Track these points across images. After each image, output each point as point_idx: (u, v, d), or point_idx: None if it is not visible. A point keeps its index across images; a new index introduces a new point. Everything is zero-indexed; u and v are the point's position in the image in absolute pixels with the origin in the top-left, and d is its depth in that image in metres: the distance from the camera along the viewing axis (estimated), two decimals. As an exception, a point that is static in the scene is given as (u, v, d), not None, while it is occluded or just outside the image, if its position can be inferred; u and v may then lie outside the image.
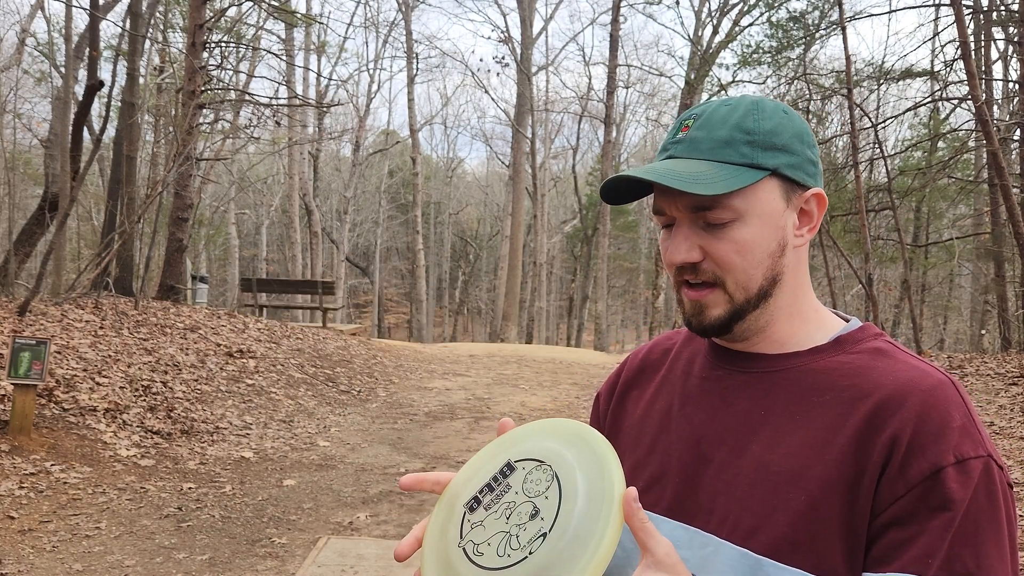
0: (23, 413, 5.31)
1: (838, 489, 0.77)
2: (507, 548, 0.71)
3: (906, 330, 15.88)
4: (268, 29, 18.35)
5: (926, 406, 0.77)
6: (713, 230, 0.83)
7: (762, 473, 0.81)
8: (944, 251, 15.64)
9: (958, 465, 0.74)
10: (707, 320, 0.86)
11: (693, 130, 0.85)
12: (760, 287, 0.85)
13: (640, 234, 36.86)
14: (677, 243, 0.85)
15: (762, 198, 0.84)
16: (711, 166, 0.82)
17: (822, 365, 0.85)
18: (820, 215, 0.88)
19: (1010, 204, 8.55)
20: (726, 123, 0.84)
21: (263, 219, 33.49)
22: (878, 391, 0.79)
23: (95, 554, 4.06)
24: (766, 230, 0.84)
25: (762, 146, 0.83)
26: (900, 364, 0.82)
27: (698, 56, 19.15)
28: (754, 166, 0.83)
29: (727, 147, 0.83)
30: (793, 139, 0.85)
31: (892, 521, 0.74)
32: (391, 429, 7.39)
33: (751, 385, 0.87)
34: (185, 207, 11.31)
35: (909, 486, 0.74)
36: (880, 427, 0.77)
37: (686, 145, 0.85)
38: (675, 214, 0.85)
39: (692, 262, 0.84)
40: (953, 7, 8.68)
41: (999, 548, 0.74)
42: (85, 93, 9.62)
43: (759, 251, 0.84)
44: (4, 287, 8.92)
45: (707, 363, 0.93)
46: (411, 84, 24.86)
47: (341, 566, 3.99)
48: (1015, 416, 6.59)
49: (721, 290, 0.85)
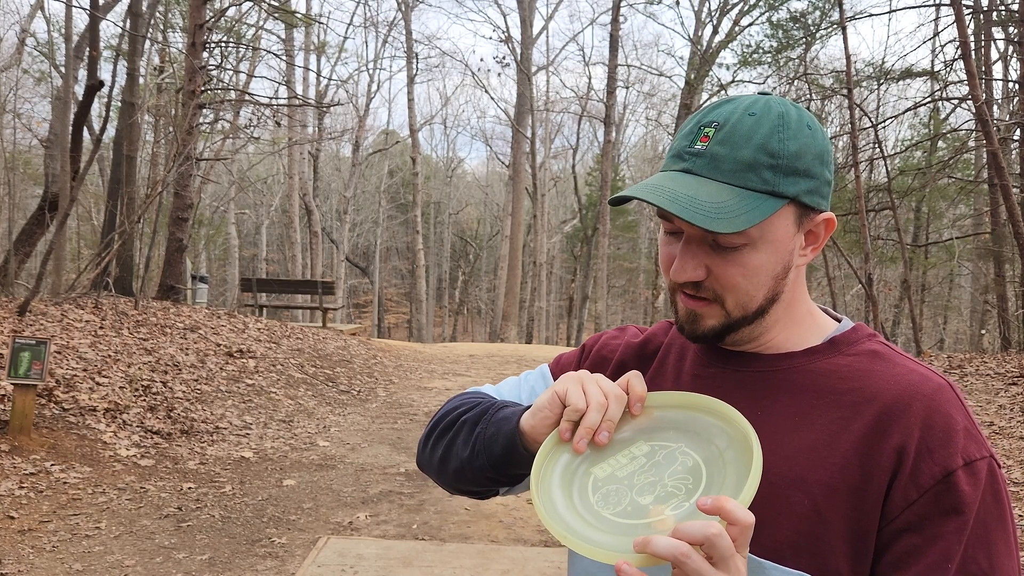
0: (23, 413, 5.31)
1: (842, 494, 0.77)
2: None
3: (906, 330, 15.87)
4: (268, 29, 18.36)
5: (930, 411, 0.78)
6: (722, 252, 0.82)
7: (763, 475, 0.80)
8: (944, 251, 15.64)
9: (967, 467, 0.75)
10: (700, 330, 0.86)
11: (714, 144, 0.81)
12: (759, 306, 0.85)
13: (640, 234, 36.87)
14: (684, 262, 0.83)
15: (777, 225, 0.82)
16: (733, 193, 0.79)
17: (819, 367, 0.85)
18: (826, 238, 0.88)
19: (1010, 204, 8.55)
20: (750, 141, 0.80)
21: (263, 219, 33.50)
22: (880, 396, 0.80)
23: (95, 554, 4.06)
24: (775, 256, 0.83)
25: (784, 171, 0.81)
26: (899, 368, 0.83)
27: (698, 56, 19.15)
28: (775, 194, 0.81)
29: (749, 171, 0.80)
30: (815, 161, 0.83)
31: (906, 526, 0.75)
32: (391, 429, 7.39)
33: (746, 385, 0.87)
34: (185, 207, 11.31)
35: (921, 490, 0.75)
36: (886, 433, 0.77)
37: (706, 162, 0.81)
38: (684, 228, 0.83)
39: (696, 280, 0.83)
40: (953, 7, 8.68)
41: (1007, 546, 0.76)
42: (85, 93, 9.62)
43: (764, 275, 0.83)
44: (4, 287, 8.93)
45: (699, 361, 0.93)
46: (411, 84, 24.86)
47: (341, 566, 3.99)
48: (1015, 416, 6.59)
49: (719, 305, 0.84)
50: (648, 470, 0.77)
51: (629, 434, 0.82)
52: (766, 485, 0.80)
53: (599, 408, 0.79)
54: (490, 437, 0.92)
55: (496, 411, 0.94)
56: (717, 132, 0.82)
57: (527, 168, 24.41)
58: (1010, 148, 11.78)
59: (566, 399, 0.81)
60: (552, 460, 0.82)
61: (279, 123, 15.58)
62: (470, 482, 0.98)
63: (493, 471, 0.92)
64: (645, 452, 0.79)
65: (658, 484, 0.75)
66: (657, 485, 0.75)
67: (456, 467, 0.98)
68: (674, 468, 0.76)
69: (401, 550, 4.27)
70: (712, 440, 0.77)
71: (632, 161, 39.17)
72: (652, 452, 0.79)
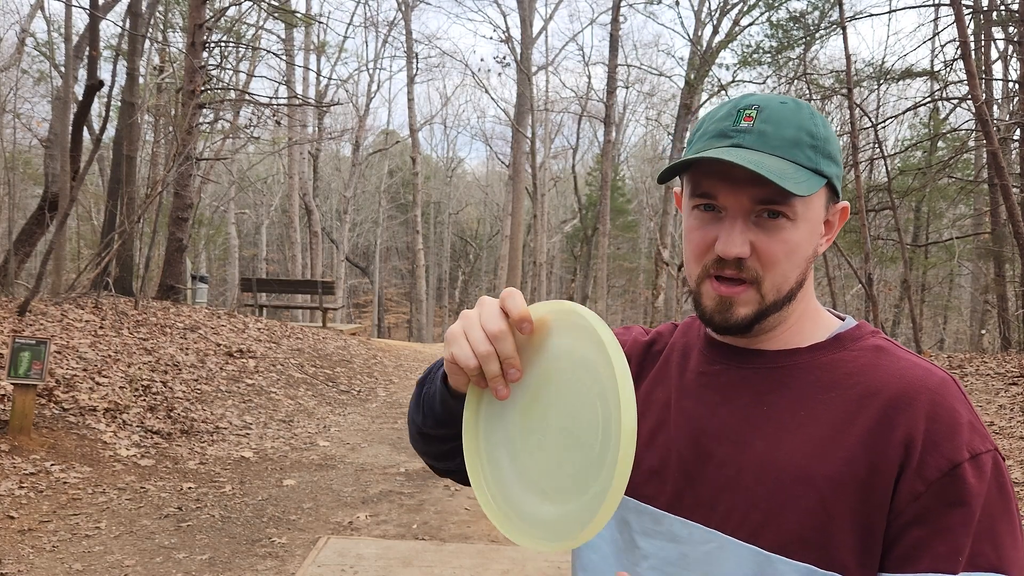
0: (23, 413, 5.31)
1: (849, 487, 0.77)
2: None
3: (906, 330, 15.87)
4: (268, 29, 18.35)
5: (935, 404, 0.78)
6: (766, 227, 0.82)
7: (768, 469, 0.81)
8: (944, 251, 15.63)
9: (972, 460, 0.75)
10: (734, 318, 0.85)
11: (759, 122, 0.82)
12: (790, 290, 0.85)
13: (640, 234, 36.87)
14: (731, 237, 0.82)
15: (814, 205, 0.84)
16: (787, 164, 0.81)
17: (824, 362, 0.85)
18: (839, 227, 0.90)
19: (1010, 204, 8.55)
20: (791, 122, 0.83)
21: (263, 219, 33.50)
22: (885, 389, 0.80)
23: (95, 554, 4.05)
24: (809, 236, 0.85)
25: (822, 153, 0.83)
26: (903, 362, 0.83)
27: (698, 56, 19.14)
28: (817, 172, 0.82)
29: (795, 147, 0.82)
30: (837, 151, 0.87)
31: (913, 520, 0.76)
32: (391, 429, 7.39)
33: (751, 381, 0.87)
34: (185, 207, 11.31)
35: (927, 483, 0.75)
36: (892, 426, 0.78)
37: (755, 137, 0.82)
38: (730, 204, 0.82)
39: (743, 257, 0.82)
40: (953, 7, 8.67)
41: (1013, 538, 0.76)
42: (85, 93, 9.61)
43: (799, 255, 0.84)
44: (4, 287, 8.92)
45: (703, 358, 0.93)
46: (411, 84, 24.86)
47: (341, 566, 3.99)
48: (1015, 416, 6.59)
49: (755, 289, 0.84)
50: (562, 410, 0.75)
51: (535, 355, 0.78)
52: (773, 480, 0.80)
53: (489, 357, 0.76)
54: (431, 395, 0.91)
55: (438, 368, 0.91)
56: (759, 113, 0.83)
57: (527, 168, 24.40)
58: (1010, 148, 11.78)
59: (457, 362, 0.78)
60: (482, 413, 0.82)
61: (279, 123, 15.57)
62: (437, 451, 0.97)
63: (445, 429, 0.91)
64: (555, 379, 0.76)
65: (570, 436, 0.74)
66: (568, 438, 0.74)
67: (414, 433, 0.98)
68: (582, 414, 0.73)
69: (401, 550, 4.27)
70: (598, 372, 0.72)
71: (632, 161, 39.16)
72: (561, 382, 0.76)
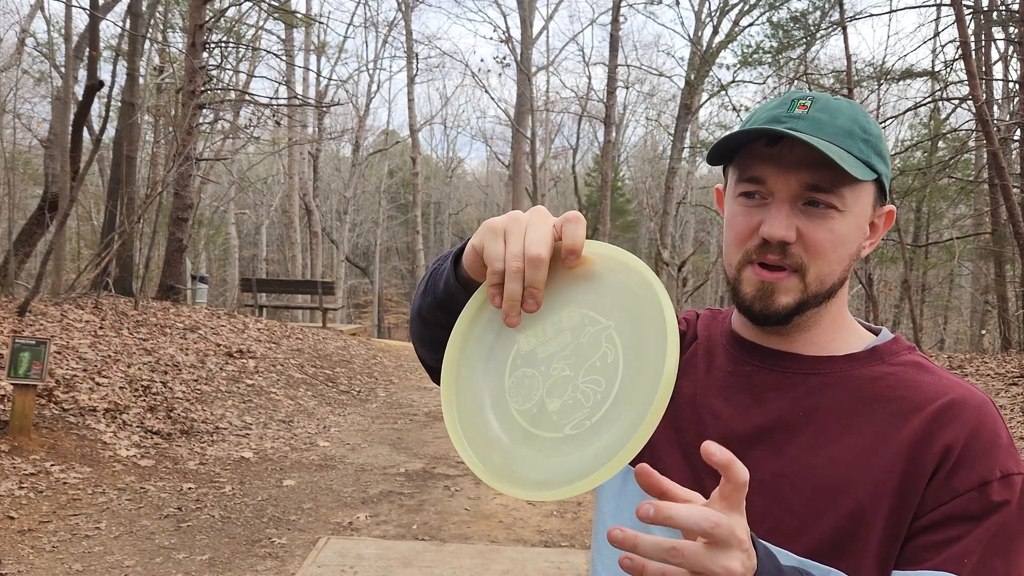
0: (23, 413, 5.30)
1: (887, 496, 0.77)
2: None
3: (906, 330, 15.86)
4: (268, 29, 18.36)
5: (978, 421, 0.78)
6: (813, 215, 0.81)
7: (805, 476, 0.80)
8: (944, 251, 15.62)
9: (1003, 480, 0.76)
10: (775, 306, 0.83)
11: (814, 111, 0.82)
12: (832, 285, 0.84)
13: (640, 234, 36.84)
14: (779, 219, 0.80)
15: (862, 199, 0.83)
16: (841, 152, 0.79)
17: (865, 374, 0.84)
18: (883, 232, 0.88)
19: (1010, 204, 8.55)
20: (845, 114, 0.82)
21: (263, 219, 33.48)
22: (930, 404, 0.80)
23: (95, 554, 4.05)
24: (856, 231, 0.84)
25: (874, 148, 0.83)
26: (945, 380, 0.83)
27: (698, 56, 19.12)
28: (868, 165, 0.82)
29: (849, 137, 0.81)
30: (888, 153, 0.86)
31: (931, 524, 0.76)
32: (391, 429, 7.38)
33: (784, 385, 0.85)
34: (185, 207, 11.31)
35: (954, 494, 0.75)
36: (934, 436, 0.78)
37: (809, 123, 0.81)
38: (778, 188, 0.81)
39: (788, 241, 0.81)
40: (953, 7, 8.68)
41: None
42: (85, 93, 9.61)
43: (845, 248, 0.83)
44: (4, 287, 8.92)
45: (731, 356, 0.90)
46: (411, 84, 24.85)
47: (341, 566, 3.99)
48: (1015, 416, 6.59)
49: (798, 278, 0.82)
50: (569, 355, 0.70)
51: (565, 290, 0.72)
52: (811, 487, 0.79)
53: (516, 275, 0.69)
54: (439, 274, 0.87)
55: (459, 250, 0.86)
56: (814, 103, 0.83)
57: (527, 168, 24.40)
58: (1010, 148, 11.78)
59: (484, 254, 0.72)
60: (480, 318, 0.77)
61: (279, 123, 15.57)
62: (429, 337, 0.91)
63: (442, 312, 0.87)
64: (574, 324, 0.71)
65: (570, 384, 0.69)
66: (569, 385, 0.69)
67: (413, 314, 0.94)
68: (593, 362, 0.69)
69: (401, 550, 4.26)
70: (642, 323, 0.68)
71: (632, 161, 39.16)
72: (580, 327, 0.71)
